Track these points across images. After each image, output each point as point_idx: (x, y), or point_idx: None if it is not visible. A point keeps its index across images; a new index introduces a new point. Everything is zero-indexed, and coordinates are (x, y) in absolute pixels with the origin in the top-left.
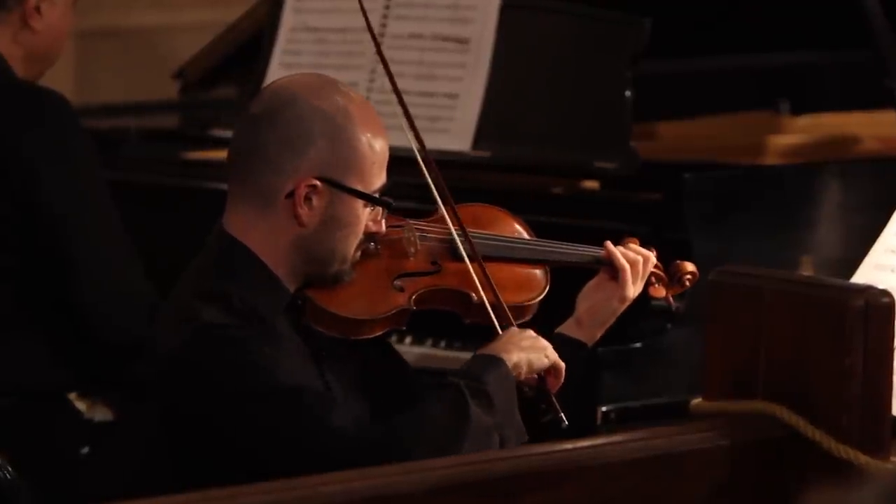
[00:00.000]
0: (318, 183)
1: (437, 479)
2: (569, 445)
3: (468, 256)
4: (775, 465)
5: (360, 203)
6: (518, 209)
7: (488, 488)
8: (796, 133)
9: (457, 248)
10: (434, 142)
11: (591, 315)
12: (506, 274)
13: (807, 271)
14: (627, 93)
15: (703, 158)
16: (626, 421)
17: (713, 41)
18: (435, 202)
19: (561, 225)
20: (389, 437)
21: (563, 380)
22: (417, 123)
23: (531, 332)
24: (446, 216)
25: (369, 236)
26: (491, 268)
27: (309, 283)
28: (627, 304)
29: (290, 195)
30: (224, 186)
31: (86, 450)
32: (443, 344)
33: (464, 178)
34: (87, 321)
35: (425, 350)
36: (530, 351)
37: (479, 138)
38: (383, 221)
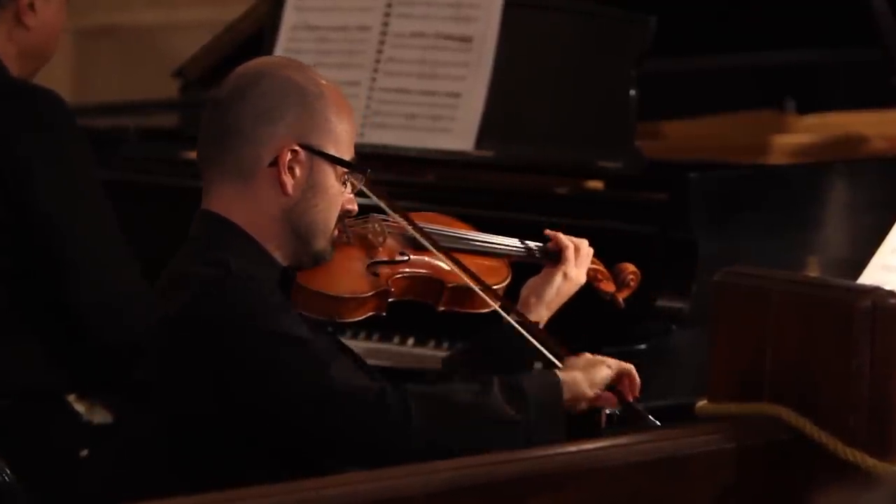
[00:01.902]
0: (298, 149)
1: (439, 482)
2: (573, 448)
3: (432, 245)
4: (781, 468)
5: (337, 173)
6: (521, 209)
7: (491, 491)
8: (802, 132)
9: (419, 239)
10: (436, 141)
11: (535, 293)
12: (467, 262)
13: (813, 272)
14: (632, 91)
15: (708, 158)
16: (631, 423)
17: (718, 39)
18: (384, 200)
19: (564, 225)
20: (387, 394)
21: (638, 382)
22: (420, 122)
23: (586, 354)
24: (389, 211)
25: (344, 215)
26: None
27: (294, 265)
28: (572, 285)
29: (272, 164)
30: None
31: (85, 452)
32: (445, 345)
33: (466, 178)
34: (82, 322)
35: (427, 351)
36: (588, 367)
37: (482, 138)
38: (355, 200)
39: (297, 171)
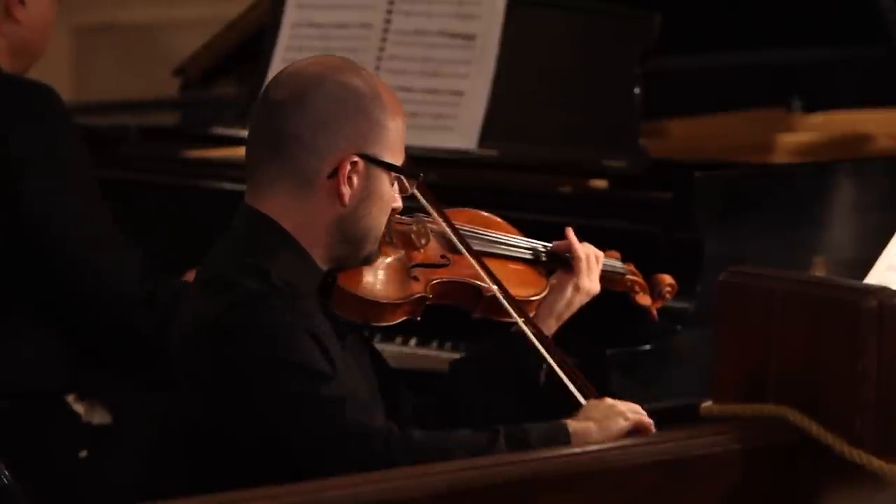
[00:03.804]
0: (358, 160)
1: (442, 484)
2: (577, 449)
3: (469, 251)
4: (787, 470)
5: (390, 177)
6: (525, 208)
7: (494, 493)
8: (809, 131)
9: (459, 244)
10: (439, 140)
11: (547, 306)
12: (508, 270)
13: (819, 272)
14: (637, 90)
15: (713, 157)
16: None
17: (724, 37)
18: (432, 204)
19: (568, 225)
20: (395, 446)
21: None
22: (422, 121)
23: (609, 400)
24: (435, 214)
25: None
26: (493, 263)
27: (339, 266)
28: (584, 296)
29: (332, 175)
30: (226, 185)
31: (84, 453)
32: (448, 346)
33: (469, 177)
34: (80, 317)
35: (430, 352)
36: (604, 418)
37: (485, 136)
38: (401, 198)
39: (355, 180)
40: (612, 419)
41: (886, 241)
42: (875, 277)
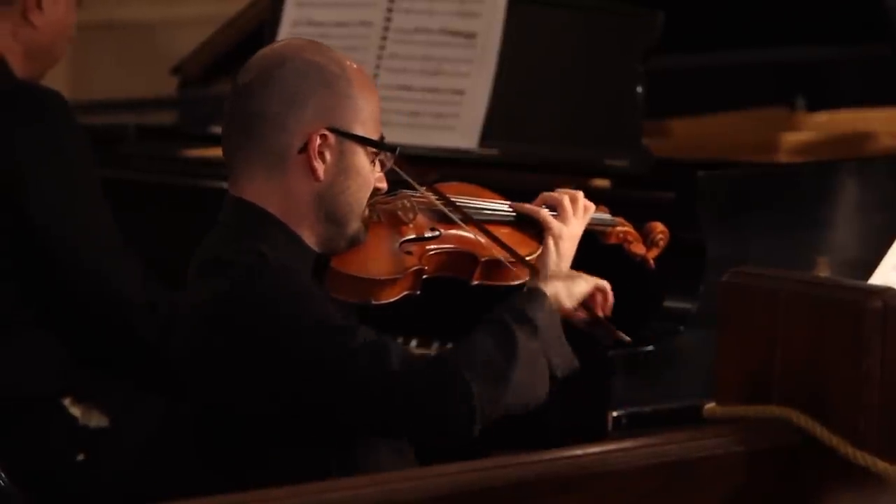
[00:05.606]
0: (327, 133)
1: (443, 486)
2: (578, 451)
3: (462, 220)
4: (791, 472)
5: (367, 153)
6: None
7: (495, 495)
8: (812, 130)
9: (450, 214)
10: (440, 139)
11: (540, 264)
12: (499, 233)
13: (823, 272)
14: (639, 88)
15: (716, 156)
16: (638, 426)
17: (727, 35)
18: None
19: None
20: (441, 368)
21: (611, 299)
22: (423, 120)
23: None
24: (418, 187)
25: (374, 194)
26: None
27: (328, 250)
28: (567, 242)
29: (302, 150)
30: (225, 185)
31: (81, 456)
32: (449, 346)
33: (470, 177)
34: (78, 323)
35: (430, 353)
36: (568, 280)
37: (486, 135)
38: (385, 178)
39: (328, 155)
40: (574, 280)
41: (890, 241)
42: (879, 278)
